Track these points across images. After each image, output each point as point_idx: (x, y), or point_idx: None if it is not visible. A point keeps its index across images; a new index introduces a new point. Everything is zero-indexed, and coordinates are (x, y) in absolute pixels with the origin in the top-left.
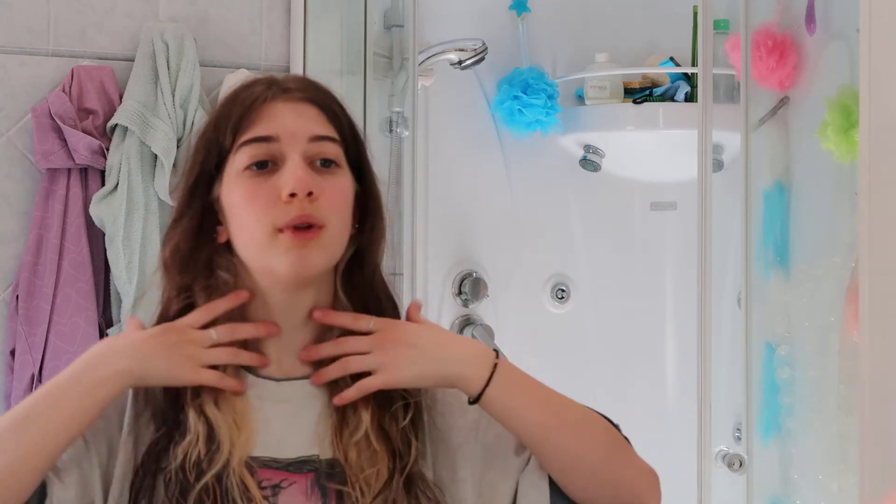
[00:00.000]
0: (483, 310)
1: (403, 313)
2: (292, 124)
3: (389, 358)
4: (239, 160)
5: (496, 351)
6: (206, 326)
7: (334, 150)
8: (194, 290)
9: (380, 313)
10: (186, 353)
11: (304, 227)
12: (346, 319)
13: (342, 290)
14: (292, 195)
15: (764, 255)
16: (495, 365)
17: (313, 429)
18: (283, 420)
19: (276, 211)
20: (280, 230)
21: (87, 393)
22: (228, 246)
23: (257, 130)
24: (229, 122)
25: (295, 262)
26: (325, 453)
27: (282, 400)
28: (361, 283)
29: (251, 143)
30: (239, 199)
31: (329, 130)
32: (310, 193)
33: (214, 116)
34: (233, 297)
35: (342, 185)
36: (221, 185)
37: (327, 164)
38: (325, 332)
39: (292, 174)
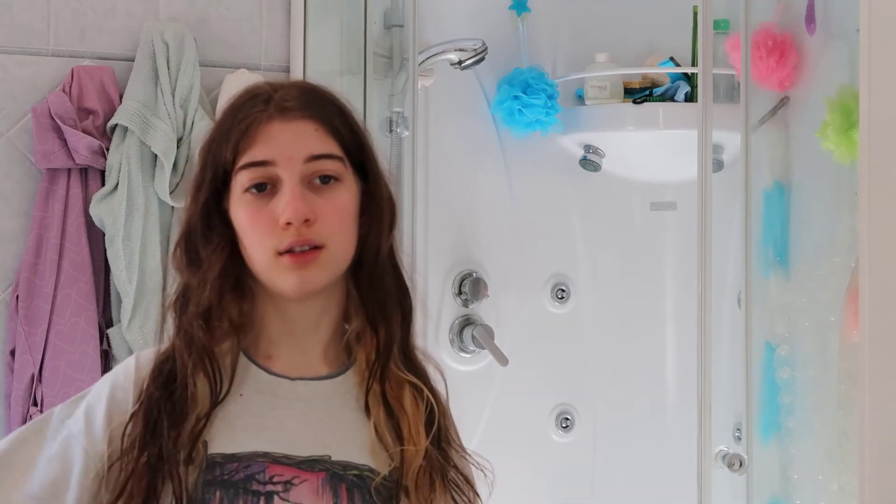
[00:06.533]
0: (483, 310)
1: (415, 299)
2: (289, 147)
3: None
4: (239, 182)
5: None
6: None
7: (333, 166)
8: (226, 301)
9: (386, 302)
10: None
11: (304, 250)
12: None
13: (353, 287)
14: (289, 223)
15: (764, 255)
16: None
17: (326, 430)
18: (297, 418)
19: (275, 236)
20: (280, 253)
21: None
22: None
23: (254, 154)
24: (230, 142)
25: (297, 283)
26: (337, 455)
27: (296, 398)
28: (369, 276)
29: (249, 168)
30: (242, 221)
31: (327, 146)
32: (306, 220)
33: (216, 131)
34: None
35: (341, 200)
36: (229, 199)
37: (326, 180)
38: (338, 334)
39: (288, 203)
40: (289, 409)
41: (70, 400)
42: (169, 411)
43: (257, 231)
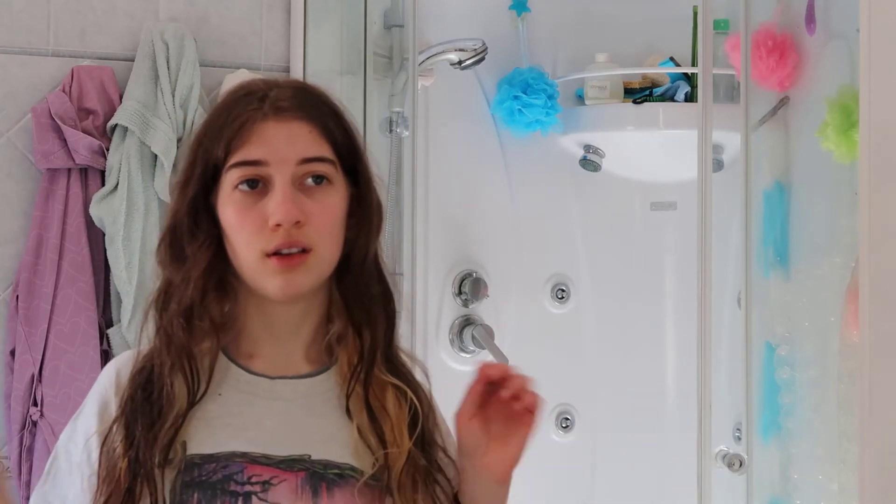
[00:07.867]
0: (483, 310)
1: (399, 301)
2: (282, 148)
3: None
4: (230, 179)
5: None
6: None
7: (325, 169)
8: (208, 300)
9: (371, 307)
10: None
11: (292, 252)
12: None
13: (336, 289)
14: (279, 225)
15: (764, 255)
16: None
17: (306, 429)
18: (276, 417)
19: (263, 237)
20: (268, 255)
21: None
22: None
23: (247, 153)
24: (222, 139)
25: (283, 286)
26: (317, 454)
27: (275, 397)
28: (355, 280)
29: (240, 166)
30: (230, 219)
31: (320, 149)
32: (297, 222)
33: (208, 126)
34: None
35: (331, 202)
36: (218, 196)
37: (318, 180)
38: (320, 335)
39: (279, 205)
40: (268, 409)
41: (67, 427)
42: (146, 413)
43: (245, 231)
